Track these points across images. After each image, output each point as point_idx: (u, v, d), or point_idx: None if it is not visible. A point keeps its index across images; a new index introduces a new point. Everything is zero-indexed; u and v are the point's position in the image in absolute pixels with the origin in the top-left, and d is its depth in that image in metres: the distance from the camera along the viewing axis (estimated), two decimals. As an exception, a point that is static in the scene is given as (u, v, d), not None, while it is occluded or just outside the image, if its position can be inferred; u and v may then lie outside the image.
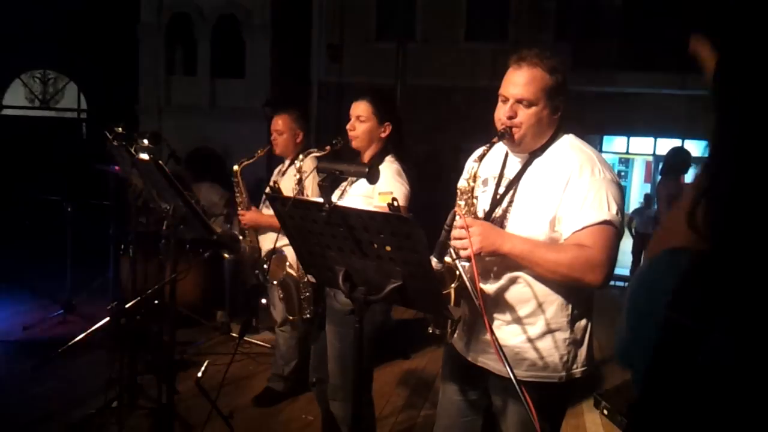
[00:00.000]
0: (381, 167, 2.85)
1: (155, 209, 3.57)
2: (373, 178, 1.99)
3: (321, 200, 1.92)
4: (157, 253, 4.41)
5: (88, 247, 5.89)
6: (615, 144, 14.27)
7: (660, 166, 6.04)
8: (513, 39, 11.72)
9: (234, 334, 5.15)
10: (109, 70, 15.13)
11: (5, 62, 16.08)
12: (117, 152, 3.60)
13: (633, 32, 10.94)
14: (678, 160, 5.31)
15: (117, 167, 4.35)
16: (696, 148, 12.36)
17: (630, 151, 14.63)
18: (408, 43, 11.22)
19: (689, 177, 5.52)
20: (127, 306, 2.95)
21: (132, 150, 3.22)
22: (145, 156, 2.97)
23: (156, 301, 3.80)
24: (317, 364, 3.30)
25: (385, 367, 4.73)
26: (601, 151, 13.76)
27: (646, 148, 14.19)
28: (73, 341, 4.31)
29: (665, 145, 11.75)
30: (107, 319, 3.88)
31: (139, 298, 2.94)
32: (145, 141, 3.11)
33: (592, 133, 12.54)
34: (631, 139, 13.90)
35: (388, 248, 1.90)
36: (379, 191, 2.72)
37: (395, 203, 1.80)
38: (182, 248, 4.29)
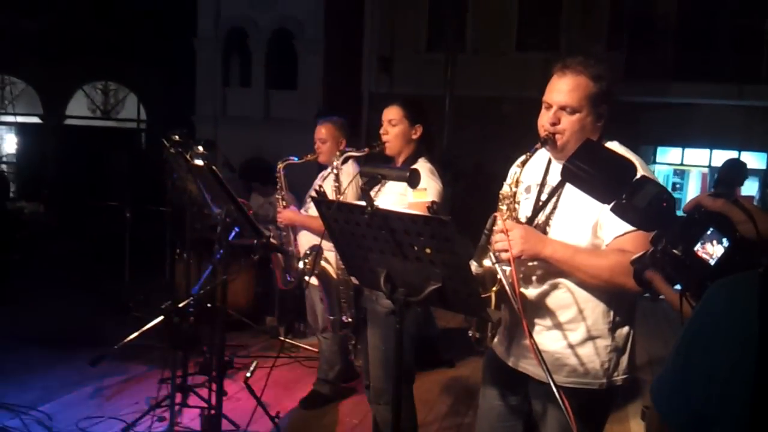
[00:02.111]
0: (415, 167, 2.93)
1: (209, 215, 3.71)
2: (414, 181, 2.05)
3: (363, 203, 1.98)
4: (210, 257, 4.57)
5: (146, 252, 6.11)
6: (669, 155, 13.97)
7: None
8: (564, 49, 11.64)
9: (282, 338, 5.26)
10: (168, 82, 15.66)
11: (69, 74, 16.81)
12: (173, 159, 3.74)
13: (687, 41, 10.75)
14: (733, 172, 5.19)
15: (174, 174, 4.51)
16: (753, 160, 12.01)
17: (685, 163, 14.30)
18: (458, 54, 11.27)
19: (746, 190, 5.39)
20: (179, 306, 3.06)
21: (187, 156, 3.36)
22: (199, 162, 3.10)
23: (208, 305, 3.93)
24: (368, 367, 3.36)
25: (429, 375, 4.76)
26: (654, 162, 13.50)
27: (701, 159, 13.85)
28: (128, 339, 4.49)
29: (721, 156, 11.45)
30: (160, 318, 4.03)
31: (190, 298, 3.04)
32: (200, 147, 3.24)
33: (646, 144, 12.31)
34: (686, 150, 13.60)
35: (428, 250, 1.95)
36: (413, 189, 2.80)
37: (434, 207, 1.85)
38: (234, 253, 4.41)
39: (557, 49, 11.76)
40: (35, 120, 16.91)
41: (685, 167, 15.40)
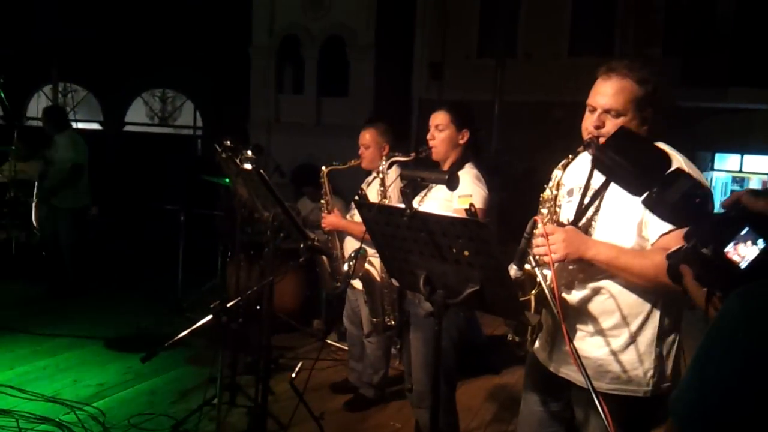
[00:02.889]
0: (461, 173, 2.94)
1: (259, 218, 3.79)
2: (452, 184, 2.07)
3: (403, 206, 2.01)
4: (259, 260, 4.67)
5: (199, 254, 6.28)
6: (728, 162, 13.56)
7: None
8: (618, 53, 11.43)
9: (329, 341, 5.31)
10: (223, 90, 16.04)
11: (128, 82, 17.41)
12: (225, 164, 3.85)
13: (745, 46, 10.40)
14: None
15: (226, 178, 4.63)
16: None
17: (744, 170, 13.86)
18: (509, 59, 11.20)
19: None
20: (227, 305, 3.14)
21: (237, 161, 3.45)
22: (248, 166, 3.18)
23: (257, 306, 4.01)
24: (410, 370, 3.38)
25: (474, 382, 4.74)
26: (712, 169, 13.12)
27: (761, 166, 13.39)
28: (178, 336, 4.61)
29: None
30: (209, 317, 4.12)
31: (238, 298, 3.12)
32: (249, 152, 3.32)
33: (703, 150, 11.98)
34: (745, 157, 13.18)
35: (467, 253, 1.96)
36: (459, 194, 2.80)
37: (472, 209, 1.86)
38: (281, 255, 4.49)
39: (611, 53, 11.56)
40: (96, 126, 17.56)
41: (745, 174, 14.92)
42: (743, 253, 1.05)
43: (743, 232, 1.05)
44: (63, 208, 6.42)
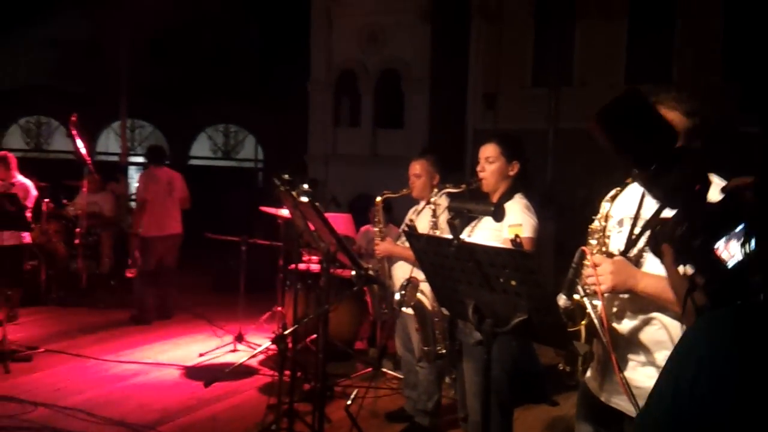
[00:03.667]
0: (510, 203, 3.00)
1: (315, 248, 3.93)
2: (498, 216, 2.13)
3: (451, 237, 2.08)
4: (316, 289, 4.80)
5: (259, 283, 6.47)
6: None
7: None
8: (676, 80, 11.25)
9: (384, 370, 5.37)
10: (283, 124, 16.50)
11: (193, 118, 18.11)
12: (283, 196, 4.01)
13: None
14: None
15: (285, 210, 4.81)
16: None
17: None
18: (564, 88, 11.18)
19: None
20: (285, 333, 3.26)
21: (294, 194, 3.59)
22: (304, 199, 3.31)
23: (314, 334, 4.12)
24: (464, 400, 3.41)
25: (531, 413, 4.70)
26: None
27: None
28: (238, 363, 4.78)
29: None
30: (268, 344, 4.27)
31: (295, 326, 3.23)
32: (305, 185, 3.47)
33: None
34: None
35: (513, 282, 2.01)
36: (509, 224, 2.85)
37: (517, 240, 1.93)
38: (338, 284, 4.62)
39: (669, 80, 11.39)
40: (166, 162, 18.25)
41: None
42: (733, 251, 0.96)
43: (738, 229, 0.96)
44: (141, 237, 6.82)
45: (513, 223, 2.95)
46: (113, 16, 15.61)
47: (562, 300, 2.13)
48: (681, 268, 1.15)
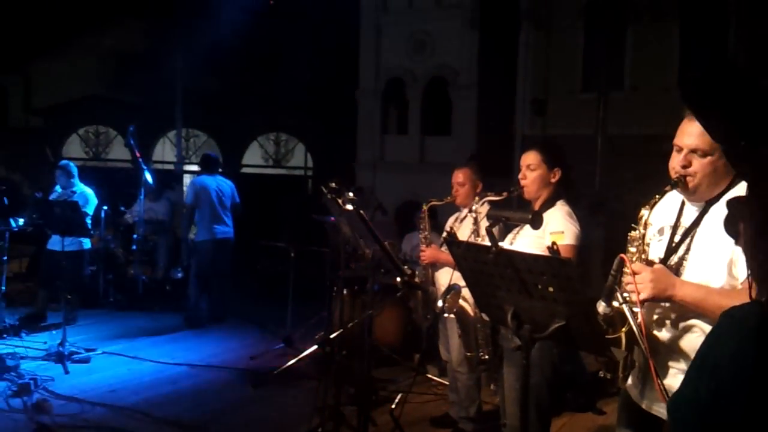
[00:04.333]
0: (552, 210, 3.01)
1: (361, 255, 4.01)
2: (536, 223, 2.17)
3: (489, 244, 2.13)
4: (362, 294, 4.89)
5: (307, 288, 6.61)
6: None
7: None
8: (732, 83, 10.96)
9: (429, 376, 5.41)
10: (332, 132, 16.74)
11: (245, 127, 18.53)
12: (330, 204, 4.11)
13: None
14: None
15: (332, 218, 4.92)
16: None
17: None
18: (614, 93, 11.04)
19: None
20: (331, 336, 3.34)
21: (340, 201, 3.69)
22: (349, 206, 3.40)
23: (360, 339, 4.20)
24: (505, 406, 3.43)
25: (576, 421, 4.68)
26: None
27: None
28: (285, 365, 4.92)
29: None
30: (314, 347, 4.38)
31: (340, 330, 3.32)
32: (351, 193, 3.55)
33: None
34: None
35: (551, 289, 2.05)
36: (551, 231, 2.87)
37: (555, 247, 1.96)
38: (383, 290, 4.68)
39: (724, 83, 11.10)
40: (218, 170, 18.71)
41: None
42: None
43: None
44: (193, 242, 7.06)
45: (555, 231, 2.97)
46: (169, 28, 16.13)
47: (601, 307, 2.15)
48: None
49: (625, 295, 2.13)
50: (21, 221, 6.82)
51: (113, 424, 4.26)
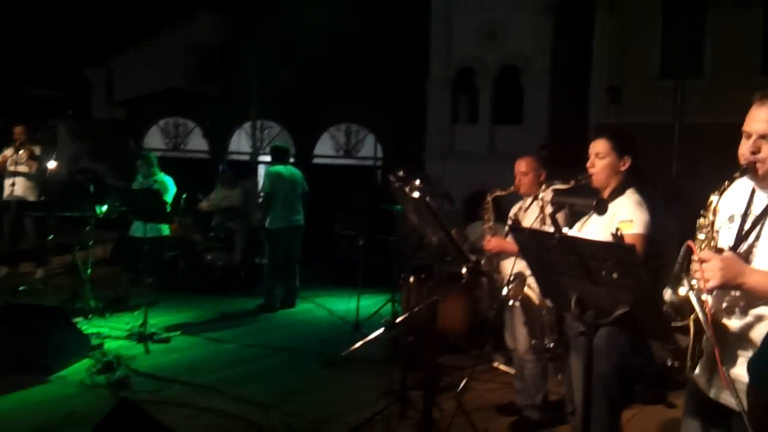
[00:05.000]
0: (622, 198, 2.98)
1: (428, 243, 4.08)
2: (600, 209, 2.17)
3: (552, 230, 2.15)
4: (428, 281, 4.95)
5: (376, 275, 6.73)
6: None
7: None
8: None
9: (496, 364, 5.42)
10: (402, 122, 16.82)
11: (317, 118, 18.84)
12: (398, 193, 4.19)
13: None
14: None
15: (399, 206, 5.00)
16: None
17: None
18: (694, 80, 10.65)
19: None
20: (396, 321, 3.42)
21: (407, 189, 3.75)
22: (415, 194, 3.46)
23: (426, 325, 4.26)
24: (572, 394, 3.43)
25: (648, 413, 4.59)
26: None
27: None
28: (354, 347, 5.06)
29: None
30: (381, 330, 4.48)
31: (406, 315, 3.39)
32: (417, 182, 3.61)
33: None
34: None
35: (615, 275, 2.05)
36: (620, 220, 2.85)
37: (618, 233, 1.96)
38: (449, 278, 4.73)
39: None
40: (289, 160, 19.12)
41: None
42: None
43: None
44: (268, 230, 7.28)
45: (624, 219, 2.94)
46: (246, 22, 16.55)
47: (668, 294, 2.14)
48: None
49: (693, 282, 2.11)
50: (105, 209, 7.20)
51: (190, 401, 4.47)
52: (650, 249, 3.04)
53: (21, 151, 7.67)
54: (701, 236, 2.22)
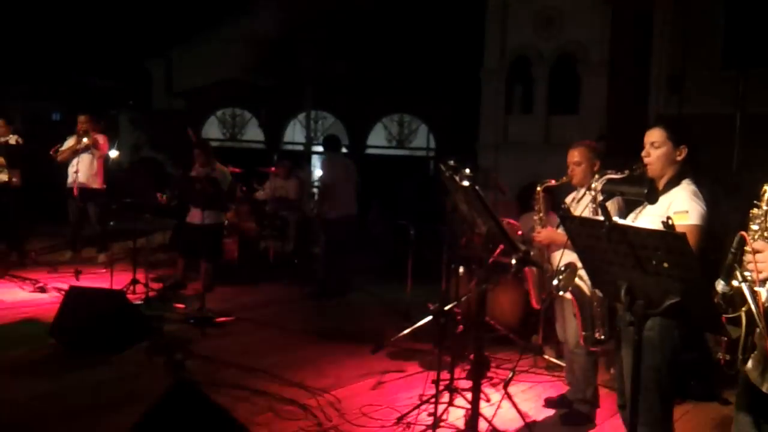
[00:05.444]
0: (677, 189, 2.92)
1: (477, 232, 4.07)
2: (652, 198, 2.14)
3: (602, 218, 2.13)
4: (478, 272, 4.94)
5: (426, 266, 6.75)
6: None
7: None
8: None
9: (546, 357, 5.38)
10: (455, 113, 16.75)
11: (370, 109, 18.92)
12: (448, 181, 4.19)
13: None
14: None
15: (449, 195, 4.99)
16: None
17: None
18: (756, 69, 10.25)
19: None
20: (444, 309, 3.45)
21: (457, 179, 3.76)
22: (465, 183, 3.47)
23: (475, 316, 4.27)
24: (623, 387, 3.39)
25: (700, 410, 4.51)
26: None
27: None
28: (401, 334, 5.12)
29: None
30: (429, 317, 4.49)
31: (454, 303, 3.41)
32: (467, 170, 3.62)
33: None
34: None
35: (665, 264, 2.03)
36: (674, 210, 2.79)
37: (669, 222, 1.94)
38: (498, 268, 4.71)
39: None
40: (342, 150, 19.31)
41: None
42: None
43: None
44: (323, 219, 7.39)
45: (679, 210, 2.88)
46: (301, 14, 16.72)
47: (720, 285, 2.11)
48: None
49: (746, 273, 2.07)
50: (164, 197, 7.43)
51: (244, 383, 4.60)
52: (709, 242, 2.98)
53: (84, 140, 7.95)
54: (755, 227, 2.17)
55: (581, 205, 3.71)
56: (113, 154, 8.81)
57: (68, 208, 8.11)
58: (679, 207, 2.89)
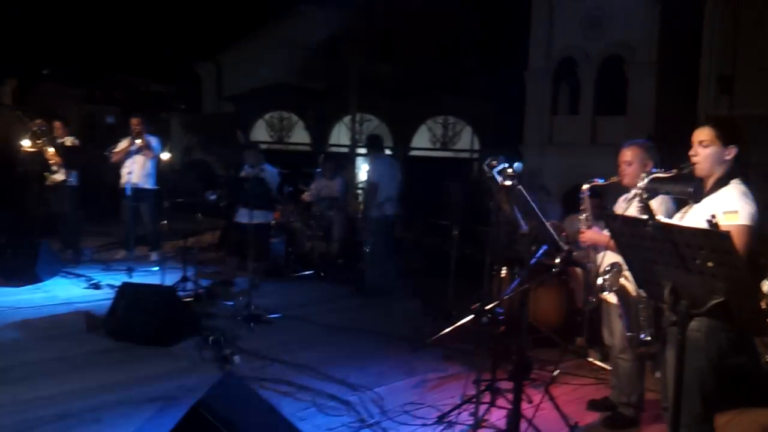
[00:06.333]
0: (726, 189, 2.90)
1: (521, 232, 4.08)
2: (697, 196, 2.14)
3: (646, 217, 2.14)
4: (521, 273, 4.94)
5: (469, 265, 6.77)
6: None
7: None
8: None
9: (590, 359, 5.34)
10: (499, 114, 16.65)
11: (414, 110, 18.96)
12: (491, 183, 4.21)
13: None
14: None
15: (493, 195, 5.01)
16: None
17: None
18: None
19: None
20: (486, 307, 3.47)
21: (501, 179, 3.78)
22: (508, 182, 3.49)
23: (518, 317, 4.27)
24: (667, 390, 3.36)
25: (747, 416, 4.41)
26: None
27: None
28: (442, 332, 5.15)
29: None
30: (471, 317, 4.51)
31: (495, 303, 3.43)
32: (510, 170, 3.63)
33: None
34: None
35: (710, 264, 2.02)
36: (724, 210, 2.77)
37: (714, 220, 1.94)
38: (541, 268, 4.70)
39: None
40: (387, 152, 19.41)
41: None
42: None
43: None
44: (369, 218, 7.48)
45: (728, 210, 2.85)
46: (347, 18, 16.89)
47: (766, 286, 2.09)
48: None
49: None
50: (214, 197, 7.62)
51: (288, 378, 4.70)
52: (760, 245, 2.94)
53: (137, 141, 8.20)
54: (807, 227, 2.15)
55: (632, 206, 3.68)
56: (165, 156, 9.06)
57: (122, 207, 8.36)
58: (729, 207, 2.86)
